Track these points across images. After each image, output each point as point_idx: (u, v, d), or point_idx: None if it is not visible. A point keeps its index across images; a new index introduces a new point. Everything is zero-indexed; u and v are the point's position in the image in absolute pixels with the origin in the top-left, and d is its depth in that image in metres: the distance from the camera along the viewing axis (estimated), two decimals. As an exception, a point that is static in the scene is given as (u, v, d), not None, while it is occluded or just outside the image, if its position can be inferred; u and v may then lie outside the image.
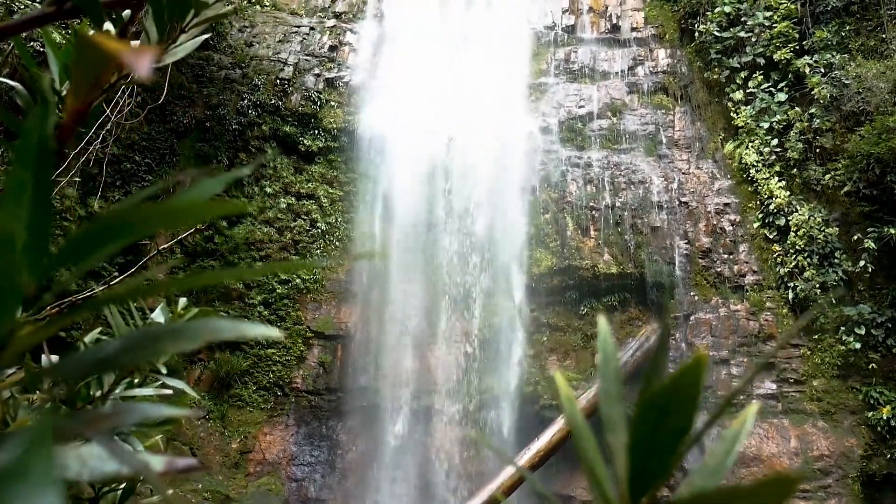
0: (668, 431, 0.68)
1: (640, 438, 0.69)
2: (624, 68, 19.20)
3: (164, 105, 16.60)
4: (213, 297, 16.45)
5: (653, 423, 0.68)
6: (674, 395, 0.67)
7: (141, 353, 0.54)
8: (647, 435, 0.69)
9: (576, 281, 16.61)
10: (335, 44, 19.45)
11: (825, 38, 16.16)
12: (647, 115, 18.45)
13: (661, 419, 0.68)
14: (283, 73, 18.51)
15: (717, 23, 17.44)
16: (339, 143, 18.19)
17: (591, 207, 17.10)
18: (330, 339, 16.69)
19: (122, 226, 0.53)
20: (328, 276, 17.11)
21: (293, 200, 17.55)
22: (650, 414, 0.68)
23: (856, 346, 14.43)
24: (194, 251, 16.72)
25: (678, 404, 0.67)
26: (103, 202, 15.32)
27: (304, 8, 20.51)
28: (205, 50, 18.01)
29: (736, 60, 17.08)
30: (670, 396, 0.67)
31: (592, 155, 17.85)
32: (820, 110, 15.60)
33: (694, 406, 0.68)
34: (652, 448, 0.69)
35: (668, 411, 0.68)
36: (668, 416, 0.68)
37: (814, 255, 15.05)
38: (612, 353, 0.86)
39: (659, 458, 0.69)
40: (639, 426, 0.69)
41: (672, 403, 0.67)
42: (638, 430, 0.69)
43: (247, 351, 16.25)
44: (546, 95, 18.96)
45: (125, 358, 0.53)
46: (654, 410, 0.68)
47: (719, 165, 17.47)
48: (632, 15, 20.18)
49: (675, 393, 0.67)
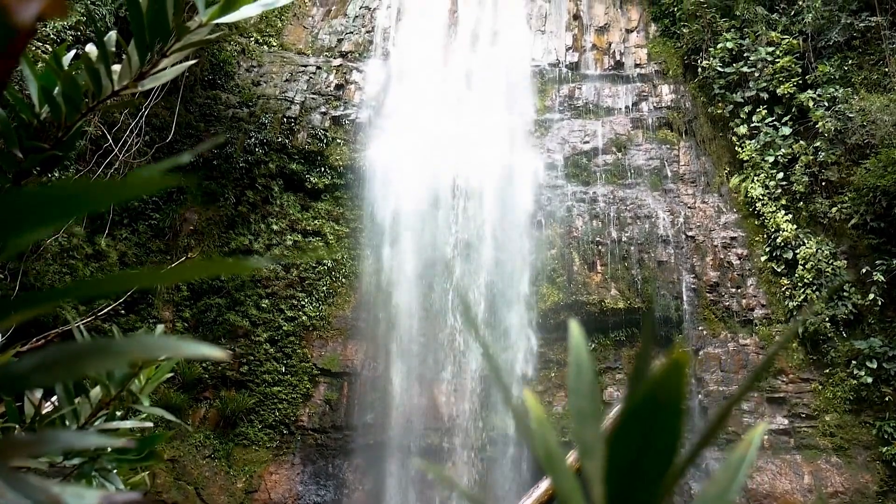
0: (651, 453, 0.58)
1: (617, 463, 0.59)
2: (628, 104, 19.30)
3: (172, 143, 16.75)
4: (220, 334, 16.41)
5: (632, 444, 0.58)
6: (653, 407, 0.57)
7: (58, 371, 0.51)
8: (625, 459, 0.59)
9: (583, 316, 16.50)
10: (341, 82, 19.66)
11: (828, 73, 16.23)
12: (652, 150, 18.50)
13: (643, 438, 0.58)
14: (290, 112, 18.69)
15: (720, 58, 17.55)
16: (346, 181, 18.28)
17: (597, 242, 17.07)
18: (336, 376, 16.59)
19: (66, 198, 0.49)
20: (334, 314, 17.06)
21: (300, 237, 17.59)
22: (628, 432, 0.58)
23: (868, 379, 14.23)
24: (200, 288, 16.72)
25: (660, 419, 0.58)
26: (111, 240, 15.39)
27: (311, 48, 20.78)
28: (212, 89, 18.23)
29: (739, 95, 17.15)
30: (649, 410, 0.58)
31: (598, 190, 17.88)
32: (825, 143, 15.61)
33: (678, 420, 0.58)
34: (633, 474, 0.59)
35: (649, 428, 0.58)
36: (649, 434, 0.58)
37: (822, 288, 14.94)
38: (587, 365, 0.75)
39: (643, 487, 0.59)
40: (615, 448, 0.59)
41: (652, 418, 0.58)
42: (614, 453, 0.59)
43: (252, 389, 16.16)
44: (551, 131, 19.06)
45: (38, 377, 0.50)
46: (633, 428, 0.58)
47: (725, 199, 17.44)
48: (635, 51, 20.36)
49: (653, 405, 0.57)
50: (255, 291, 16.84)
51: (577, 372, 0.75)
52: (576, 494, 0.68)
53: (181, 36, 1.18)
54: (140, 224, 16.32)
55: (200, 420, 15.85)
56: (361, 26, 21.28)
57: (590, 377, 0.75)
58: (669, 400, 0.58)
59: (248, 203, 17.60)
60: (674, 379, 0.58)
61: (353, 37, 21.00)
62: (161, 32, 1.15)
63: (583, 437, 0.69)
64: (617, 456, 0.60)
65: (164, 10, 1.13)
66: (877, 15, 15.98)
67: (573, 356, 0.77)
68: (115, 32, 1.26)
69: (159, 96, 16.09)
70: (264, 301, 16.81)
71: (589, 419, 0.71)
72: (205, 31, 1.19)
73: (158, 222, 16.57)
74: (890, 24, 15.97)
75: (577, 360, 0.76)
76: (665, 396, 0.58)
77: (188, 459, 15.24)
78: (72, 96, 1.16)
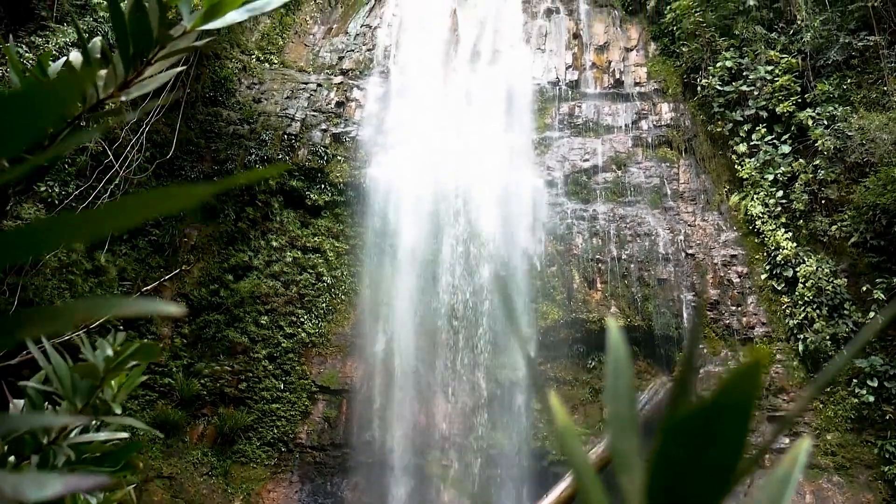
0: (706, 469, 0.50)
1: (663, 479, 0.52)
2: (628, 122, 19.36)
3: (173, 160, 16.80)
4: (218, 351, 16.36)
5: (684, 458, 0.51)
6: (716, 416, 0.50)
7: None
8: (674, 474, 0.52)
9: (583, 334, 16.47)
10: (342, 100, 19.73)
11: (827, 91, 16.28)
12: (652, 168, 18.53)
13: (697, 451, 0.51)
14: (291, 129, 18.74)
15: (720, 77, 17.62)
16: (346, 197, 18.30)
17: (597, 260, 17.07)
18: (335, 393, 16.51)
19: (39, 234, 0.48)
20: (333, 331, 17.02)
21: (299, 254, 17.58)
22: (680, 445, 0.51)
23: (869, 398, 14.16)
24: (199, 305, 16.69)
25: (723, 430, 0.50)
26: (110, 256, 15.38)
27: (312, 65, 20.88)
28: (213, 106, 18.30)
29: (739, 113, 17.20)
30: (711, 419, 0.50)
31: (598, 208, 17.89)
32: (824, 162, 15.63)
33: (744, 432, 0.50)
34: (683, 492, 0.51)
35: (708, 440, 0.50)
36: (707, 448, 0.50)
37: (823, 306, 14.89)
38: (625, 365, 0.68)
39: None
40: (662, 462, 0.52)
41: (714, 429, 0.50)
42: (661, 467, 0.52)
43: (251, 406, 16.08)
44: (551, 149, 19.10)
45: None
46: (687, 440, 0.51)
47: (725, 217, 17.45)
48: (634, 70, 20.45)
49: (717, 414, 0.50)
50: (254, 308, 16.81)
51: (615, 375, 0.68)
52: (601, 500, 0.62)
53: (165, 43, 1.17)
54: (140, 240, 16.32)
55: (198, 437, 15.76)
56: (362, 44, 21.40)
57: (628, 381, 0.68)
58: (737, 408, 0.50)
59: (248, 219, 17.61)
60: (747, 383, 0.50)
61: (354, 54, 21.11)
62: (145, 40, 1.14)
63: (620, 447, 0.62)
64: (661, 471, 0.52)
65: (146, 17, 1.12)
66: (875, 34, 16.06)
67: (611, 358, 0.70)
68: (100, 40, 1.25)
69: (160, 113, 16.15)
70: (263, 318, 16.77)
71: (627, 427, 0.63)
72: (190, 38, 1.18)
73: (158, 238, 16.57)
74: (888, 44, 16.04)
75: (616, 362, 0.69)
76: (733, 404, 0.50)
77: (185, 477, 15.14)
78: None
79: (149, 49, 1.15)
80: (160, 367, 15.86)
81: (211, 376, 16.11)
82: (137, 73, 1.17)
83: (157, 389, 15.69)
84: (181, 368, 16.03)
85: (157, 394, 15.66)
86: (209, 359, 16.27)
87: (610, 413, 0.66)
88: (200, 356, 16.31)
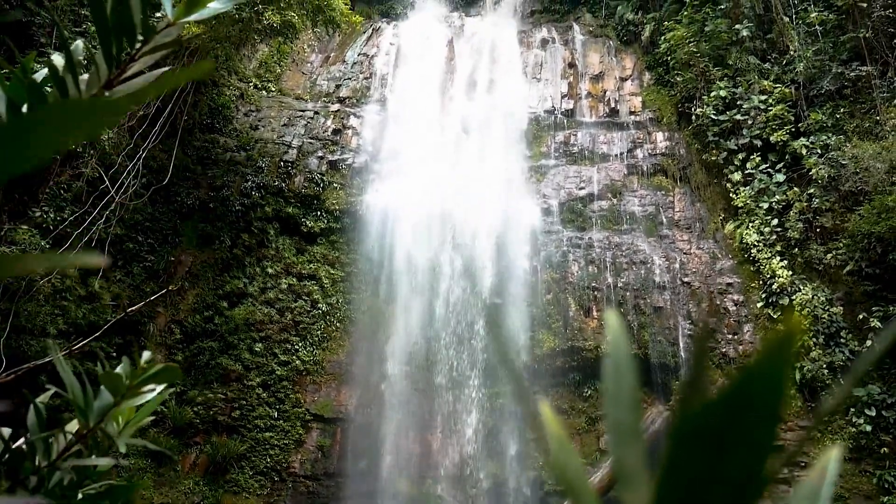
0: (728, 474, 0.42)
1: (675, 491, 0.43)
2: (623, 150, 19.46)
3: (169, 186, 16.80)
4: (212, 378, 16.22)
5: (700, 464, 0.42)
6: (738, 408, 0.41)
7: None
8: (688, 484, 0.43)
9: (579, 362, 16.38)
10: (339, 127, 19.82)
11: (820, 121, 16.40)
12: (647, 196, 18.58)
13: (717, 454, 0.42)
14: (287, 156, 18.79)
15: (714, 106, 17.74)
16: (342, 224, 18.30)
17: (593, 288, 17.03)
18: (329, 422, 16.35)
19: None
20: (328, 358, 16.91)
21: (294, 281, 17.52)
22: (696, 447, 0.43)
23: (867, 427, 14.06)
24: (193, 332, 16.58)
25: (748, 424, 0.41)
26: (104, 282, 15.31)
27: (310, 93, 21.01)
28: (211, 133, 18.36)
29: (733, 142, 17.30)
30: (732, 412, 0.41)
31: (593, 235, 17.90)
32: (818, 190, 15.69)
33: (774, 424, 0.42)
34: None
35: (731, 436, 0.42)
36: (728, 447, 0.42)
37: (819, 334, 14.85)
38: (627, 365, 0.58)
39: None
40: (674, 472, 0.43)
41: (736, 424, 0.41)
42: (672, 477, 0.43)
43: (244, 434, 15.91)
44: (547, 177, 19.17)
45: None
46: (704, 441, 0.42)
47: (720, 245, 17.46)
48: (629, 99, 20.60)
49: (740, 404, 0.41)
50: (248, 335, 16.70)
51: (615, 374, 0.58)
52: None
53: (149, 38, 1.15)
54: (134, 266, 16.25)
55: (190, 466, 15.56)
56: (360, 73, 21.55)
57: (630, 382, 0.58)
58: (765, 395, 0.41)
59: (244, 246, 17.58)
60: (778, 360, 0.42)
61: (351, 83, 21.26)
62: (127, 33, 1.11)
63: (622, 458, 0.53)
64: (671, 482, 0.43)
65: (129, 10, 1.10)
66: (867, 65, 16.22)
67: (611, 355, 0.60)
68: (82, 41, 1.23)
69: (157, 139, 16.19)
70: (258, 345, 16.66)
71: (630, 435, 0.54)
72: (174, 31, 1.16)
73: (153, 264, 16.50)
74: (880, 74, 16.19)
75: (616, 362, 0.58)
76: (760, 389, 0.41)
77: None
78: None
79: (132, 44, 1.13)
80: (153, 395, 15.68)
81: (204, 404, 15.95)
82: (121, 70, 1.15)
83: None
84: (174, 396, 15.87)
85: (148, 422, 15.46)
86: (202, 386, 16.13)
87: (610, 420, 0.57)
88: (194, 383, 16.16)
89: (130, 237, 16.31)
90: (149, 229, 16.74)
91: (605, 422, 0.56)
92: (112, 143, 15.08)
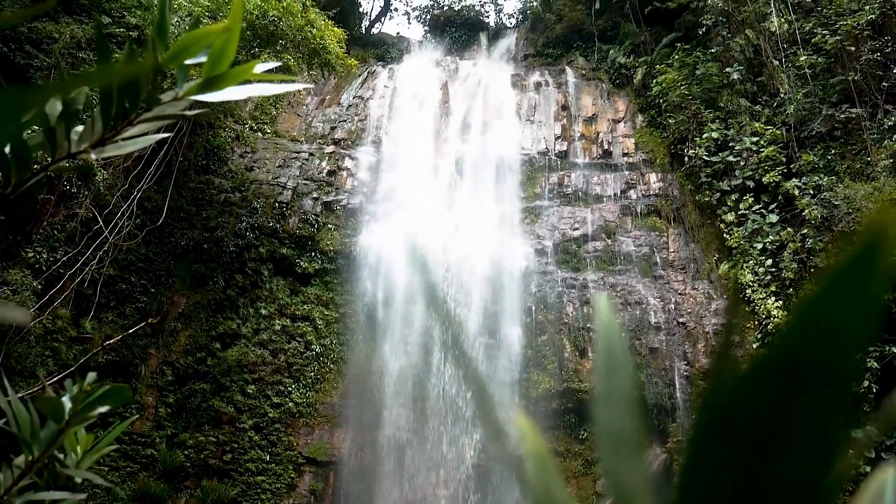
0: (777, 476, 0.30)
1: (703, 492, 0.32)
2: (617, 191, 19.57)
3: (163, 226, 16.78)
4: (203, 421, 16.01)
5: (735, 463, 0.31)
6: (797, 366, 0.30)
7: None
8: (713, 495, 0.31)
9: (575, 404, 16.24)
10: (334, 169, 19.91)
11: (812, 162, 16.53)
12: (642, 237, 18.63)
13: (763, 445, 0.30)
14: (282, 197, 18.83)
15: (706, 148, 17.90)
16: (336, 266, 18.26)
17: (588, 329, 16.96)
18: (322, 465, 16.11)
19: None
20: (321, 400, 16.72)
21: (288, 322, 17.41)
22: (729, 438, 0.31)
23: (866, 469, 13.86)
24: (185, 373, 16.41)
25: (812, 390, 0.29)
26: (96, 323, 15.19)
27: (305, 135, 21.15)
28: (206, 174, 18.41)
29: (726, 183, 17.41)
30: (788, 375, 0.30)
31: (588, 276, 17.89)
32: (812, 231, 15.74)
33: (848, 388, 0.29)
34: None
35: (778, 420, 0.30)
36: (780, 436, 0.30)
37: (816, 375, 14.76)
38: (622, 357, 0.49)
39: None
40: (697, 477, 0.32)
41: (793, 393, 0.30)
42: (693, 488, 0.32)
43: (235, 478, 15.64)
44: (541, 218, 19.22)
45: None
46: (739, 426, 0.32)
47: (715, 286, 17.46)
48: (623, 141, 20.79)
49: (800, 359, 0.30)
50: (241, 377, 16.53)
51: (606, 366, 0.48)
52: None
53: (152, 106, 1.13)
54: (127, 307, 16.14)
55: (180, 511, 15.27)
56: (355, 115, 21.74)
57: (628, 375, 0.48)
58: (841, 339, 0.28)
59: (238, 287, 17.50)
60: (863, 279, 0.29)
61: (346, 125, 21.42)
62: (131, 98, 1.10)
63: (617, 470, 0.43)
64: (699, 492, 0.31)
65: (137, 80, 1.08)
66: (857, 107, 16.40)
67: (601, 342, 0.51)
68: (85, 90, 1.21)
69: (152, 180, 16.22)
70: (250, 387, 16.48)
71: (627, 444, 0.43)
72: (180, 105, 1.14)
73: (146, 305, 16.40)
74: (870, 116, 16.37)
75: (608, 349, 0.48)
76: (845, 309, 0.29)
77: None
78: (20, 155, 1.09)
79: (134, 108, 1.11)
80: (143, 438, 15.49)
81: (195, 447, 15.72)
82: (116, 132, 1.13)
83: (139, 461, 15.28)
84: (164, 439, 15.65)
85: (138, 465, 15.24)
86: (194, 429, 15.91)
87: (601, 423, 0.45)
88: (185, 426, 15.94)
89: (123, 278, 16.23)
90: (142, 270, 16.67)
91: (595, 430, 0.46)
92: (107, 184, 15.10)
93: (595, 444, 0.37)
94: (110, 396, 1.49)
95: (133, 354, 15.85)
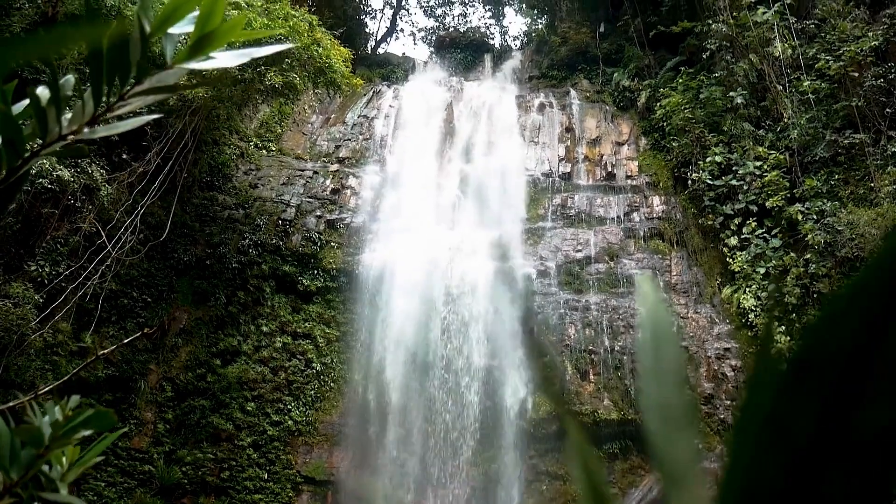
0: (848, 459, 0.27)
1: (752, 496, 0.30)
2: (620, 214, 19.57)
3: (166, 242, 16.80)
4: (202, 437, 15.93)
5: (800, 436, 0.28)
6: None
7: None
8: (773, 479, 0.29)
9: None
10: (338, 187, 19.96)
11: (815, 187, 16.53)
12: (644, 260, 18.60)
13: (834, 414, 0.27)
14: (286, 214, 18.86)
15: (710, 171, 17.92)
16: (338, 284, 18.25)
17: (589, 351, 16.89)
18: (320, 484, 16.01)
19: None
20: (321, 419, 16.65)
21: (289, 340, 17.38)
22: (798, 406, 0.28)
23: None
24: (185, 390, 16.36)
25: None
26: (97, 337, 15.17)
27: (310, 153, 21.23)
28: (210, 190, 18.46)
29: (729, 207, 17.41)
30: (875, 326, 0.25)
31: (590, 298, 17.84)
32: (815, 256, 15.71)
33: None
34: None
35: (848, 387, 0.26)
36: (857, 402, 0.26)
37: (818, 401, 14.66)
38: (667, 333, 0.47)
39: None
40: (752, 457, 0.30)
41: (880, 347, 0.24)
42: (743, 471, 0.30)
43: (233, 496, 15.54)
44: (544, 239, 19.21)
45: None
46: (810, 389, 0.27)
47: (718, 310, 17.40)
48: (626, 163, 20.82)
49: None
50: (240, 394, 16.47)
51: (654, 342, 0.46)
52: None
53: (143, 79, 1.12)
54: (128, 322, 16.12)
55: (176, 529, 15.16)
56: (359, 134, 21.83)
57: (675, 352, 0.46)
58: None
59: (239, 303, 17.48)
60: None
61: (350, 144, 21.50)
62: (121, 70, 1.09)
63: (666, 445, 0.41)
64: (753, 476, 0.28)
65: (126, 46, 1.07)
66: (860, 132, 16.44)
67: (648, 320, 0.49)
68: (73, 76, 1.20)
69: (156, 196, 16.26)
70: (250, 404, 16.41)
71: (677, 418, 0.41)
72: (171, 76, 1.13)
73: (147, 321, 16.38)
74: (873, 142, 16.40)
75: (655, 326, 0.47)
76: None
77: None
78: (12, 139, 1.08)
79: (124, 83, 1.10)
80: (140, 454, 15.41)
81: (193, 464, 15.63)
82: (108, 108, 1.12)
83: (136, 477, 15.20)
84: (162, 455, 15.57)
85: (135, 481, 15.15)
86: (192, 445, 15.83)
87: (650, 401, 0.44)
88: (183, 443, 15.86)
89: (125, 293, 16.23)
90: (144, 285, 16.67)
91: (641, 405, 0.44)
92: (111, 199, 15.14)
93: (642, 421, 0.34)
94: (93, 422, 1.44)
95: (133, 370, 15.81)
